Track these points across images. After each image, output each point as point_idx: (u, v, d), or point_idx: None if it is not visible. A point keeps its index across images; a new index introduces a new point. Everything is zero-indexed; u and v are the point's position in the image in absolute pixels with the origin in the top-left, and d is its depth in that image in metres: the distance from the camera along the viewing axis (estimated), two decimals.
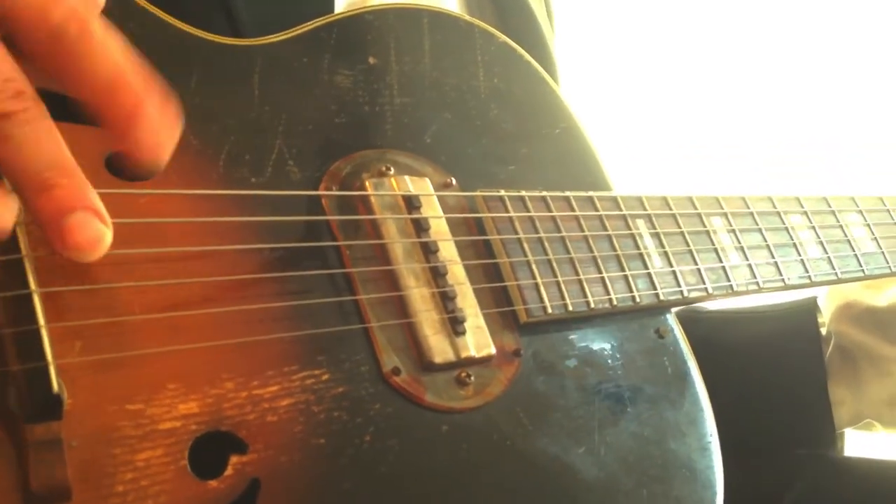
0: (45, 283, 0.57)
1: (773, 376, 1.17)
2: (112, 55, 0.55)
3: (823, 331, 1.16)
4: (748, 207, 0.98)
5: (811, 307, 1.18)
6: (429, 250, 0.76)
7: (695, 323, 0.94)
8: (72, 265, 0.61)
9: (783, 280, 0.96)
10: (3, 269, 0.56)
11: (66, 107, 0.56)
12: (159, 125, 0.56)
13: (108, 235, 0.54)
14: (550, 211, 0.84)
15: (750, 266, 0.94)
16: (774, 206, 1.00)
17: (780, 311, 1.21)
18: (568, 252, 0.83)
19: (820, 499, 1.13)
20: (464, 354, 0.74)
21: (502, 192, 0.82)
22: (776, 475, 1.14)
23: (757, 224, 0.97)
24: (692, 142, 2.53)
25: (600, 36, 2.34)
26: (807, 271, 0.98)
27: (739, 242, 0.94)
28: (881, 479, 1.12)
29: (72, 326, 0.60)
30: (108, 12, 0.75)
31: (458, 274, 0.77)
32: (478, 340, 0.75)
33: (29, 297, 0.56)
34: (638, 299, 0.85)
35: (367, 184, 0.77)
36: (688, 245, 0.90)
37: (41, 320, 0.56)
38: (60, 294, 0.60)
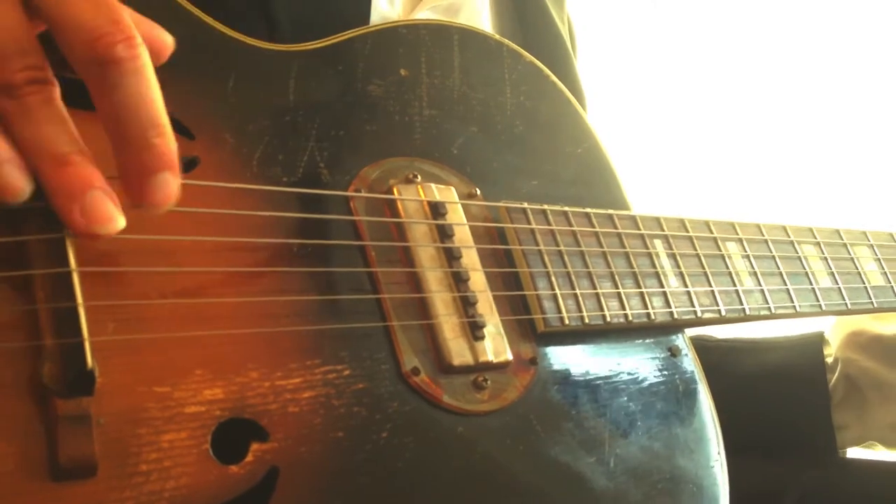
0: (81, 265, 0.59)
1: (777, 404, 1.18)
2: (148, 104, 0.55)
3: (830, 360, 1.17)
4: (762, 234, 0.99)
5: (818, 340, 1.19)
6: (452, 256, 0.78)
7: (703, 351, 0.95)
8: (108, 248, 0.63)
9: (795, 307, 0.97)
10: (45, 246, 0.58)
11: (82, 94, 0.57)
12: (173, 188, 0.56)
13: (119, 217, 0.55)
14: (571, 226, 0.86)
15: (763, 291, 0.95)
16: (788, 235, 1.01)
17: (787, 343, 1.22)
18: (586, 266, 0.84)
19: (820, 499, 1.13)
20: (482, 359, 0.76)
21: (525, 205, 0.84)
22: (776, 476, 1.15)
23: (771, 251, 0.99)
24: (706, 160, 2.56)
25: (619, 61, 2.38)
26: (818, 300, 1.00)
27: (753, 268, 0.96)
28: (881, 479, 1.13)
29: (106, 307, 0.61)
30: (154, 13, 0.77)
31: (479, 281, 0.79)
32: (496, 346, 0.77)
33: (68, 275, 0.58)
34: (653, 316, 0.86)
35: (394, 189, 0.79)
36: (703, 267, 0.92)
37: (79, 298, 0.57)
38: (95, 275, 0.62)
